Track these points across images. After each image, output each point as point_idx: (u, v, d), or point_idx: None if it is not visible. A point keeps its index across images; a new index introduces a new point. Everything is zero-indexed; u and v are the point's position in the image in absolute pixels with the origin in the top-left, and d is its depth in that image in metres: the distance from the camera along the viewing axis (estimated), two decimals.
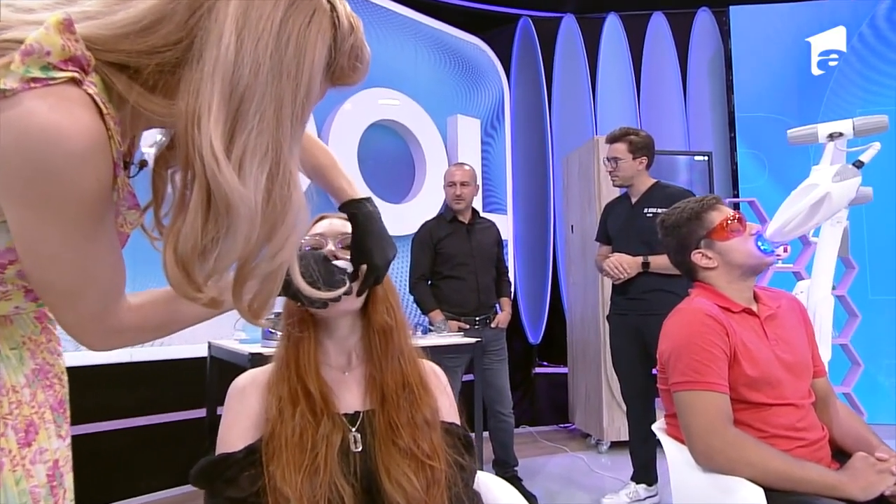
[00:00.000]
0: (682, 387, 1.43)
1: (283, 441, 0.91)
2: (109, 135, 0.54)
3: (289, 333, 1.01)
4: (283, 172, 0.58)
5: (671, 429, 1.57)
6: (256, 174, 0.55)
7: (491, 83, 4.69)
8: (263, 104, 0.56)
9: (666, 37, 4.73)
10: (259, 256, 0.59)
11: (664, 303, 2.41)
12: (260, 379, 1.01)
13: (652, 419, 2.70)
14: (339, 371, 1.02)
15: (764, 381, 1.42)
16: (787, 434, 1.41)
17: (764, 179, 4.43)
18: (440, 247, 3.04)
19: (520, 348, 4.49)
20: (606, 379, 3.73)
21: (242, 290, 0.60)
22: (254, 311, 0.63)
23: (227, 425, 0.97)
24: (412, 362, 1.04)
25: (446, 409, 1.06)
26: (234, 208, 0.54)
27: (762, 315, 1.53)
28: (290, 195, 0.59)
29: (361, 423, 0.97)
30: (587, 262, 3.83)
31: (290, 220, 0.59)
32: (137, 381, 2.94)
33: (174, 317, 0.77)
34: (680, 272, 1.70)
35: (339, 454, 0.92)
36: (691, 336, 1.44)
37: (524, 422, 4.38)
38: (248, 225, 0.55)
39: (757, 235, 1.56)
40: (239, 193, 0.54)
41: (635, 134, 2.82)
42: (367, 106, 3.88)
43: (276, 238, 0.59)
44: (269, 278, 0.61)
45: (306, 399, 0.95)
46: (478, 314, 3.04)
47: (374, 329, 1.01)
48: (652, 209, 2.72)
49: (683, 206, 1.66)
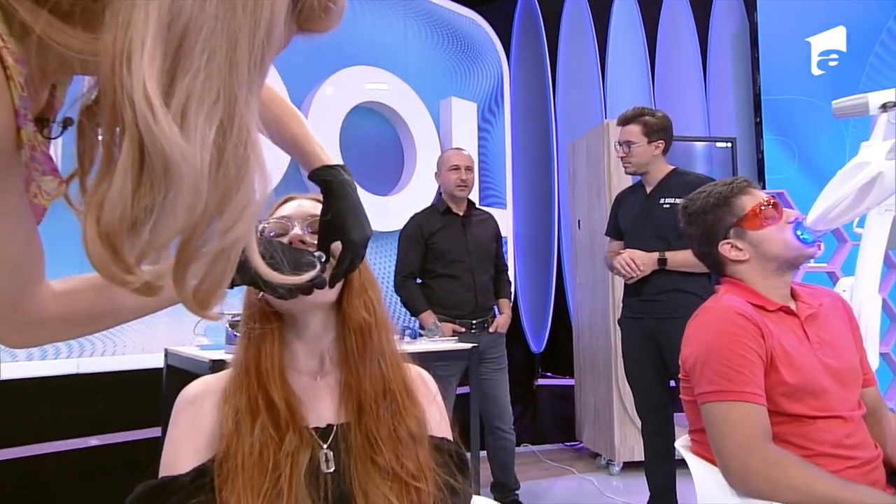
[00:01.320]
0: (711, 397, 1.38)
1: (239, 461, 0.86)
2: (7, 74, 0.48)
3: (249, 332, 0.97)
4: (237, 128, 0.52)
5: (698, 446, 1.52)
6: (203, 127, 0.50)
7: (489, 62, 4.66)
8: (213, 42, 0.50)
9: (684, 10, 4.74)
10: (207, 232, 0.53)
11: (683, 305, 2.42)
12: (214, 387, 0.96)
13: (670, 436, 2.67)
14: (308, 377, 0.98)
15: (806, 390, 1.38)
16: (835, 452, 1.36)
17: (793, 169, 4.42)
18: (432, 242, 3.02)
19: (521, 357, 4.48)
20: (618, 391, 3.72)
21: (186, 273, 0.54)
22: (200, 300, 0.56)
23: (172, 443, 0.92)
24: (395, 366, 0.99)
25: (436, 422, 1.02)
26: (173, 168, 0.48)
27: (802, 314, 1.49)
28: (246, 157, 0.53)
29: (335, 439, 0.93)
30: (596, 261, 3.83)
31: (248, 187, 0.53)
32: (83, 395, 2.87)
33: (110, 306, 0.72)
34: (706, 266, 1.66)
35: (306, 475, 0.87)
36: (721, 338, 1.39)
37: (526, 440, 4.37)
38: (192, 191, 0.50)
39: (795, 223, 1.52)
40: (180, 149, 0.48)
41: (651, 114, 2.79)
42: (351, 86, 3.84)
43: (229, 210, 0.53)
44: (219, 259, 0.55)
45: (268, 410, 0.90)
46: (474, 317, 3.02)
47: (350, 327, 0.96)
48: (669, 199, 2.69)
49: (710, 189, 1.61)
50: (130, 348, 2.93)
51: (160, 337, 2.87)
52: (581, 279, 4.24)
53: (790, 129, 4.43)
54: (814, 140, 4.24)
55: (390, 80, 4.03)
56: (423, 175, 3.98)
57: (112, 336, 2.90)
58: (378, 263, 3.74)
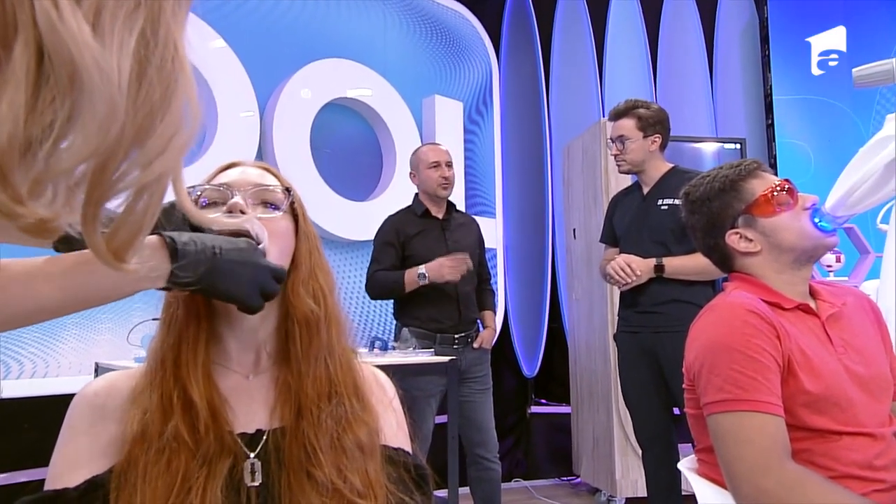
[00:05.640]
0: (720, 407, 1.31)
1: (141, 471, 0.81)
2: None
3: (169, 319, 0.91)
4: (163, 39, 0.48)
5: (705, 467, 1.46)
6: (122, 32, 0.45)
7: (477, 59, 4.66)
8: None
9: (688, 3, 4.77)
10: (125, 164, 0.47)
11: (683, 317, 2.38)
12: (121, 385, 0.90)
13: (675, 466, 2.55)
14: (240, 375, 0.93)
15: (830, 400, 1.32)
16: (863, 474, 1.30)
17: (809, 174, 4.45)
18: (409, 248, 2.95)
19: (512, 383, 4.49)
20: (619, 419, 3.68)
21: (97, 211, 0.48)
22: (115, 248, 0.50)
23: (64, 449, 0.86)
24: (345, 366, 0.95)
25: (391, 431, 0.98)
26: (83, 75, 0.43)
27: (823, 314, 1.44)
28: (173, 75, 0.48)
29: (264, 447, 0.88)
30: (593, 274, 3.81)
31: (175, 113, 0.49)
32: (8, 425, 2.78)
33: None
34: (711, 261, 1.60)
35: (224, 489, 0.83)
36: (730, 340, 1.34)
37: (518, 474, 4.35)
38: (105, 107, 0.44)
39: (813, 209, 1.47)
40: (92, 52, 0.43)
41: (645, 107, 2.78)
42: (324, 81, 3.82)
43: (152, 138, 0.48)
44: (138, 198, 0.49)
45: (185, 411, 0.85)
46: (457, 331, 2.95)
47: (294, 319, 0.92)
48: (668, 200, 2.66)
49: (714, 173, 1.57)
50: (65, 368, 2.83)
51: (99, 355, 2.77)
52: (577, 294, 4.21)
53: (805, 132, 4.50)
54: (831, 143, 4.32)
55: (368, 76, 4.02)
56: (404, 179, 3.91)
57: (42, 355, 2.81)
58: (353, 275, 3.68)
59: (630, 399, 2.78)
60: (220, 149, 3.26)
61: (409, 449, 0.99)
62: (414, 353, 2.65)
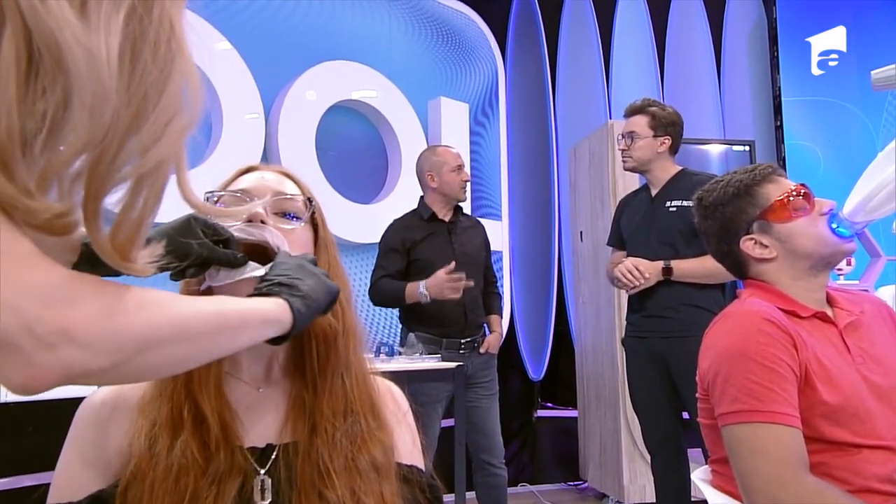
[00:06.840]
0: (734, 418, 1.29)
1: (148, 487, 0.79)
2: None
3: None
4: (157, 17, 0.47)
5: (719, 479, 1.43)
6: (108, 10, 0.45)
7: (483, 61, 4.67)
8: None
9: (695, 4, 4.77)
10: (123, 153, 0.47)
11: (692, 322, 2.42)
12: (128, 395, 0.88)
13: (684, 472, 2.61)
14: (251, 386, 0.91)
15: (849, 411, 1.29)
16: (883, 488, 1.27)
17: (818, 177, 4.43)
18: (415, 253, 2.93)
19: (518, 387, 4.48)
20: (627, 423, 3.66)
21: (98, 207, 0.48)
22: (119, 245, 0.50)
23: (68, 462, 0.84)
24: (361, 380, 0.93)
25: (406, 448, 0.96)
26: (67, 56, 0.42)
27: (840, 322, 1.41)
28: (170, 56, 0.48)
29: (275, 463, 0.86)
30: (600, 277, 3.79)
31: (172, 96, 0.48)
32: (11, 428, 2.76)
33: None
34: (725, 267, 1.57)
35: None
36: (745, 348, 1.31)
37: (524, 479, 4.33)
38: (94, 89, 0.44)
39: (830, 215, 1.45)
40: (73, 31, 0.43)
41: (660, 107, 2.79)
42: (329, 83, 3.82)
43: (148, 123, 0.47)
44: (139, 188, 0.49)
45: (195, 425, 0.83)
46: (464, 336, 2.93)
47: (311, 333, 0.89)
48: (676, 202, 2.65)
49: (728, 178, 1.55)
50: None
51: None
52: (584, 297, 4.21)
53: (815, 134, 4.48)
54: (841, 145, 4.30)
55: (373, 78, 4.02)
56: (410, 181, 3.91)
57: None
58: (358, 278, 3.67)
59: (639, 404, 2.76)
60: (225, 151, 3.25)
61: (423, 466, 0.98)
62: (420, 358, 2.64)
